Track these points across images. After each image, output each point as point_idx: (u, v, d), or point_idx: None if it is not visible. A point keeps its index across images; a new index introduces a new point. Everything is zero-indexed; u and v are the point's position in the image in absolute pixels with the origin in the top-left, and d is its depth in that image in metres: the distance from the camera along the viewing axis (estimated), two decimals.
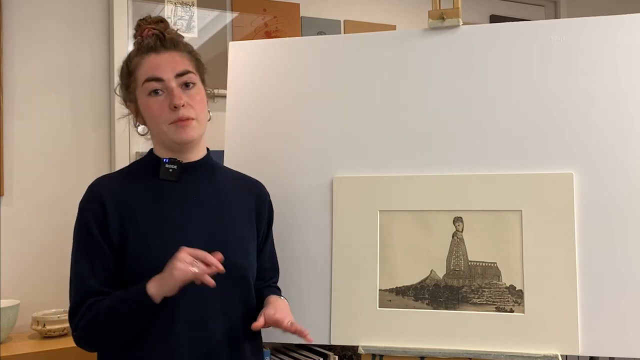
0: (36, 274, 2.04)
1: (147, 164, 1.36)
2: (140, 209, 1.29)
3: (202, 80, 1.37)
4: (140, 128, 1.39)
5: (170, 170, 1.33)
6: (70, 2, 2.15)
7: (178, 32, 1.37)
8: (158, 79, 1.28)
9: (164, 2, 2.31)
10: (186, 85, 1.30)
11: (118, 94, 1.39)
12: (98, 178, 1.35)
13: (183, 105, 1.28)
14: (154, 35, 1.32)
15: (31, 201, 2.06)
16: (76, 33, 2.15)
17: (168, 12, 2.32)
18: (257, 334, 1.41)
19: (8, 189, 2.03)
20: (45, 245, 2.06)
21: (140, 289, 1.19)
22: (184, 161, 1.34)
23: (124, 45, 2.18)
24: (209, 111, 1.37)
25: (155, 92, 1.29)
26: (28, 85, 2.07)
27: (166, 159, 1.33)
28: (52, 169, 2.10)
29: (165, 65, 1.29)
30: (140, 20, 1.36)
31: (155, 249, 1.26)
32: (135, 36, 1.37)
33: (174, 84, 1.28)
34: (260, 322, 1.27)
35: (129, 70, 1.33)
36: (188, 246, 1.26)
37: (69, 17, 2.14)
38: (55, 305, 2.00)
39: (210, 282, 1.17)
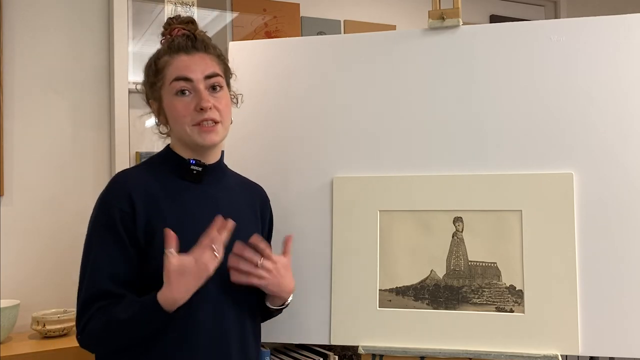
0: (36, 274, 2.04)
1: (168, 161, 1.34)
2: (167, 207, 1.26)
3: (228, 85, 1.37)
4: (162, 127, 1.37)
5: (195, 172, 1.32)
6: (70, 2, 2.14)
7: (206, 34, 1.37)
8: (187, 79, 1.27)
9: (164, 2, 2.31)
10: (213, 88, 1.30)
11: (139, 90, 1.37)
12: (120, 172, 1.32)
13: (210, 108, 1.27)
14: (185, 36, 1.31)
15: (31, 201, 2.06)
16: (76, 33, 2.15)
17: (168, 12, 2.32)
18: (259, 333, 1.42)
19: (8, 189, 2.02)
20: (45, 245, 2.06)
21: (151, 301, 1.16)
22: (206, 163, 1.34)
23: (124, 45, 2.18)
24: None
25: (182, 92, 1.28)
26: (28, 85, 2.07)
27: (192, 160, 1.32)
28: (52, 169, 2.10)
29: (195, 66, 1.28)
30: (170, 18, 1.36)
31: (181, 249, 1.22)
32: (163, 34, 1.35)
33: (202, 85, 1.28)
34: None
35: (157, 68, 1.31)
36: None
37: (69, 17, 2.14)
38: (55, 305, 2.00)
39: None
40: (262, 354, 2.11)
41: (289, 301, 1.39)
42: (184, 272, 1.15)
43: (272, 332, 1.55)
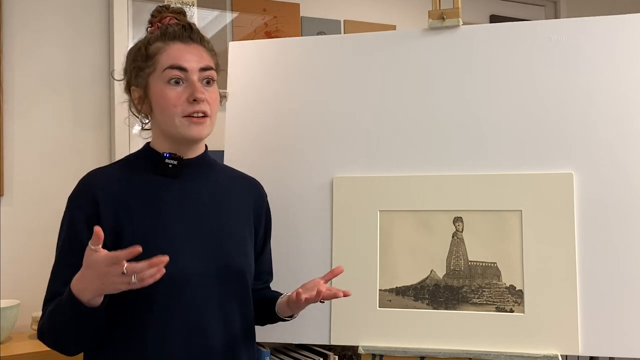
0: (36, 274, 2.04)
1: (144, 157, 1.31)
2: (137, 206, 1.23)
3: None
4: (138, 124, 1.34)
5: (170, 165, 1.27)
6: (70, 2, 2.15)
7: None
8: (182, 68, 1.24)
9: (163, 2, 2.31)
10: (207, 82, 1.28)
11: (116, 78, 1.34)
12: (90, 172, 1.28)
13: (203, 100, 1.24)
14: (181, 25, 1.29)
15: (31, 201, 2.06)
16: (76, 33, 2.15)
17: None
18: (252, 335, 1.40)
19: (8, 189, 2.03)
20: (45, 245, 2.06)
21: (69, 288, 1.11)
22: (183, 157, 1.30)
23: (124, 45, 2.18)
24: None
25: (176, 81, 1.24)
26: (28, 85, 2.07)
27: (167, 153, 1.28)
28: (52, 169, 2.10)
29: (191, 56, 1.26)
30: (160, 6, 1.33)
31: (153, 248, 1.19)
32: (152, 22, 1.32)
33: (196, 77, 1.25)
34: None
35: (147, 53, 1.27)
36: (184, 246, 1.24)
37: (69, 17, 2.14)
38: None
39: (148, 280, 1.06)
40: (262, 354, 2.11)
41: (296, 315, 1.40)
42: (91, 267, 1.07)
43: (272, 332, 1.55)
